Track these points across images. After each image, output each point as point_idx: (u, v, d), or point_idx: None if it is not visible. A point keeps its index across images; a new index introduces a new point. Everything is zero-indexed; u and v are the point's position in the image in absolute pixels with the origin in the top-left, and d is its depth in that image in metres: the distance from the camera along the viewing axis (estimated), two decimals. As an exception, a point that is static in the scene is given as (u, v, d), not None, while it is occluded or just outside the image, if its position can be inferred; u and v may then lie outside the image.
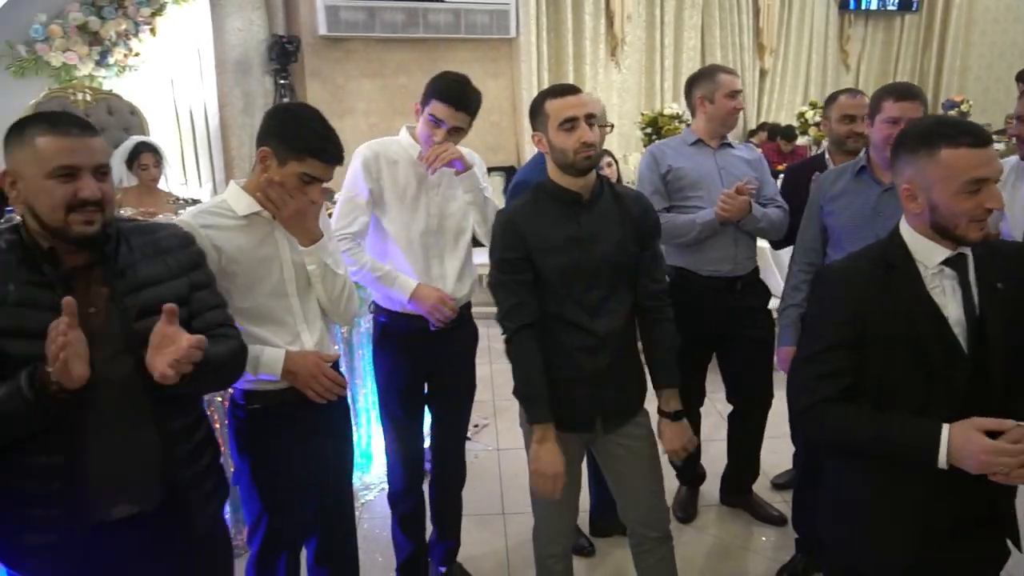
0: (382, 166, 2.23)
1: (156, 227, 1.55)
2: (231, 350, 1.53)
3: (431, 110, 2.16)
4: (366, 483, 3.17)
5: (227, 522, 1.79)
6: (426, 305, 2.22)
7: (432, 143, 2.15)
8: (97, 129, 1.42)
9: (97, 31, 4.87)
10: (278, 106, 1.86)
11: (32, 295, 1.34)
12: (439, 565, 2.59)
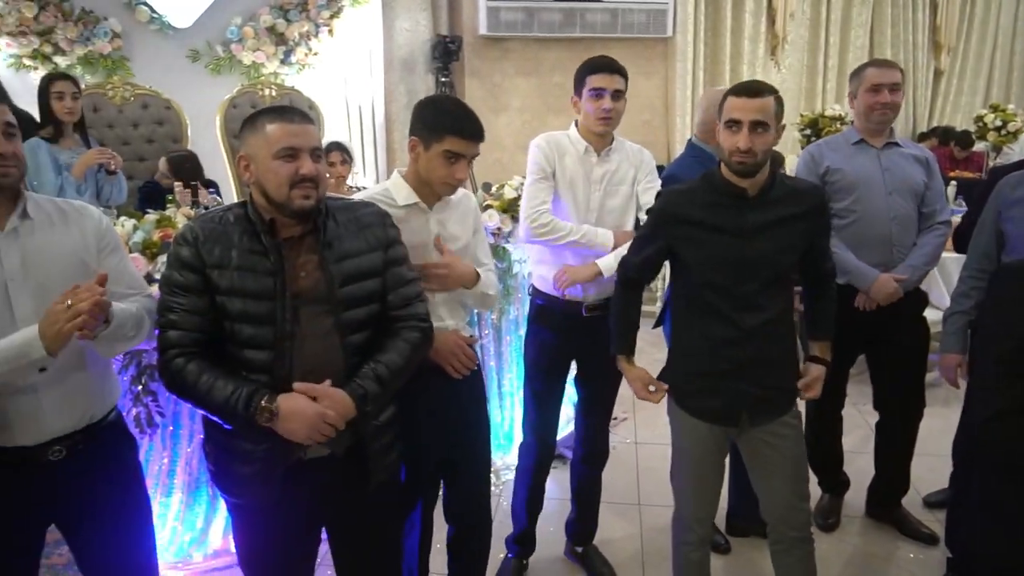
0: (555, 155, 2.36)
1: (359, 205, 1.76)
2: (415, 344, 1.73)
3: (590, 85, 2.28)
4: (507, 463, 3.31)
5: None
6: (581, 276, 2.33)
7: (604, 112, 2.28)
8: (313, 119, 1.62)
9: (283, 32, 5.33)
10: (422, 100, 2.04)
11: (251, 261, 1.57)
12: (575, 544, 2.69)
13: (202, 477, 2.76)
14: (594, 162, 2.36)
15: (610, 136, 2.39)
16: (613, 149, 2.39)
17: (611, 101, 2.28)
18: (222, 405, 1.53)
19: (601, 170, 2.37)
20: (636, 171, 2.43)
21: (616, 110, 2.30)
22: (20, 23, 4.55)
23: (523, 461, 2.56)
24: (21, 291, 1.54)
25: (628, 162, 2.42)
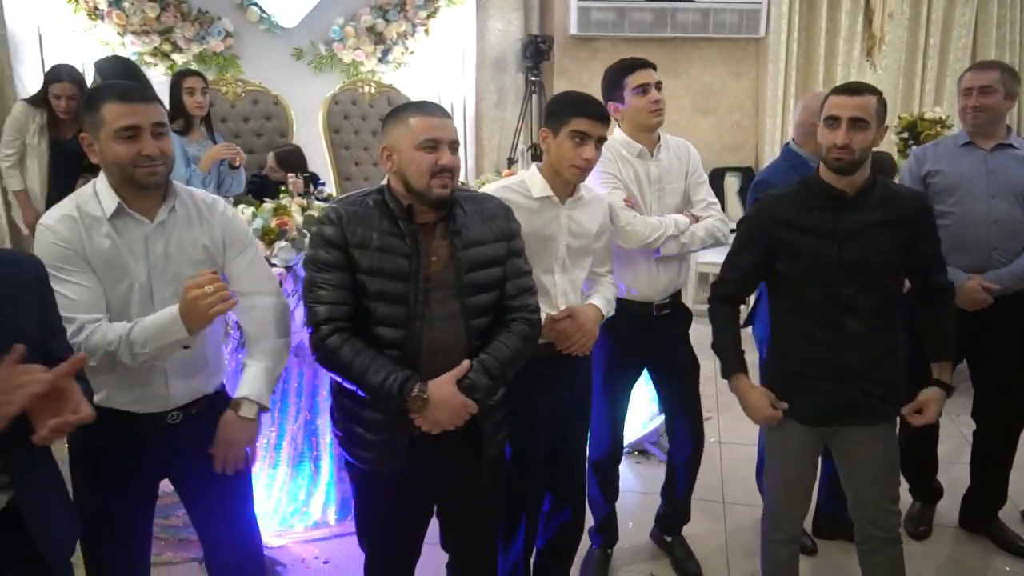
0: (618, 162, 2.43)
1: (484, 197, 1.88)
2: (525, 336, 1.82)
3: (633, 84, 2.36)
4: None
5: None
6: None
7: (655, 104, 2.36)
8: (451, 114, 1.75)
9: (382, 32, 5.52)
10: (551, 98, 2.17)
11: (390, 244, 1.70)
12: (664, 533, 2.75)
13: (306, 452, 2.93)
14: (649, 162, 2.42)
15: (657, 133, 2.45)
16: (662, 147, 2.45)
17: (657, 92, 2.35)
18: (375, 388, 1.66)
19: (656, 170, 2.44)
20: (686, 166, 2.49)
21: (663, 100, 2.38)
22: (144, 23, 4.87)
23: (595, 453, 2.63)
24: (161, 279, 1.70)
25: (678, 158, 2.50)
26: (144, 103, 1.65)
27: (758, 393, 2.06)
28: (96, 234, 1.65)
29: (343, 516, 2.97)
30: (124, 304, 1.68)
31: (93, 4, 4.78)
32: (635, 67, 2.36)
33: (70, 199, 1.71)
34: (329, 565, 2.75)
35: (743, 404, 2.09)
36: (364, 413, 1.77)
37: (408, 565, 2.00)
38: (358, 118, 4.95)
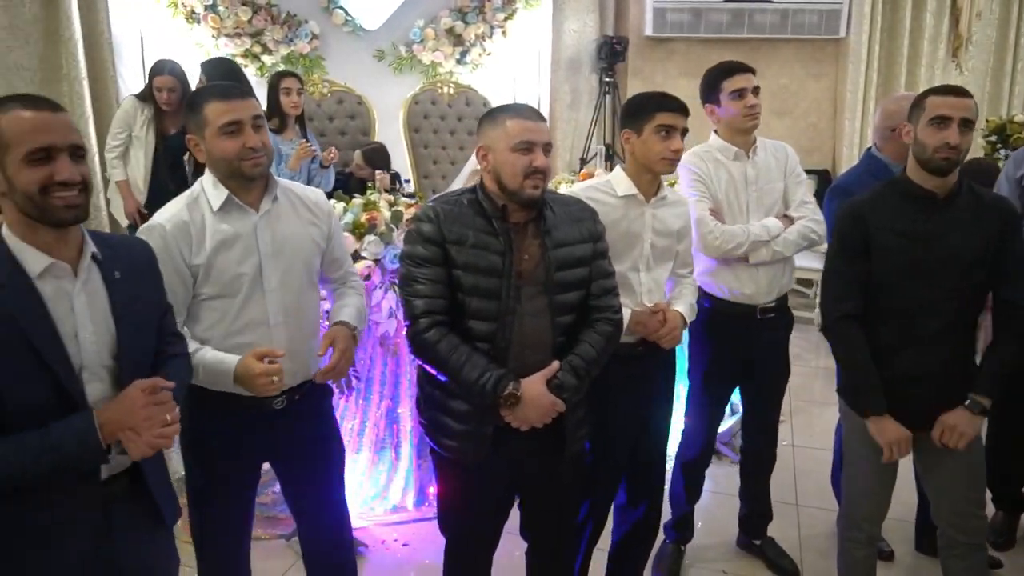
0: (708, 168, 2.46)
1: (572, 200, 1.95)
2: (608, 336, 1.89)
3: (729, 88, 2.38)
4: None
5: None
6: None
7: (751, 109, 2.38)
8: (545, 118, 1.83)
9: (460, 34, 5.64)
10: (625, 101, 2.22)
11: (484, 241, 1.78)
12: (752, 537, 2.78)
13: (387, 439, 3.05)
14: (746, 165, 2.44)
15: (753, 136, 2.46)
16: (758, 148, 2.47)
17: (754, 97, 2.36)
18: (470, 383, 1.75)
19: (753, 171, 2.45)
20: (784, 167, 2.50)
21: (759, 105, 2.40)
22: (236, 26, 5.10)
23: (687, 453, 2.67)
24: (271, 267, 1.81)
25: (775, 160, 2.50)
26: (242, 99, 1.76)
27: (897, 430, 1.98)
28: (206, 227, 1.77)
29: (420, 502, 3.08)
30: (235, 290, 1.79)
31: (190, 8, 5.03)
32: (733, 71, 2.39)
33: (182, 197, 1.83)
34: (408, 548, 2.86)
35: (878, 440, 2.00)
36: (451, 403, 1.86)
37: (487, 552, 2.08)
38: (437, 118, 5.08)
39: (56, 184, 1.28)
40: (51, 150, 1.29)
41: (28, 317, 1.30)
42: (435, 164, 5.09)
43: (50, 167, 1.28)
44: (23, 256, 1.33)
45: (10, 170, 1.29)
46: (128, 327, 1.43)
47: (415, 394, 2.04)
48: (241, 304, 1.79)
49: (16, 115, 1.29)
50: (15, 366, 1.28)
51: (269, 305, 1.81)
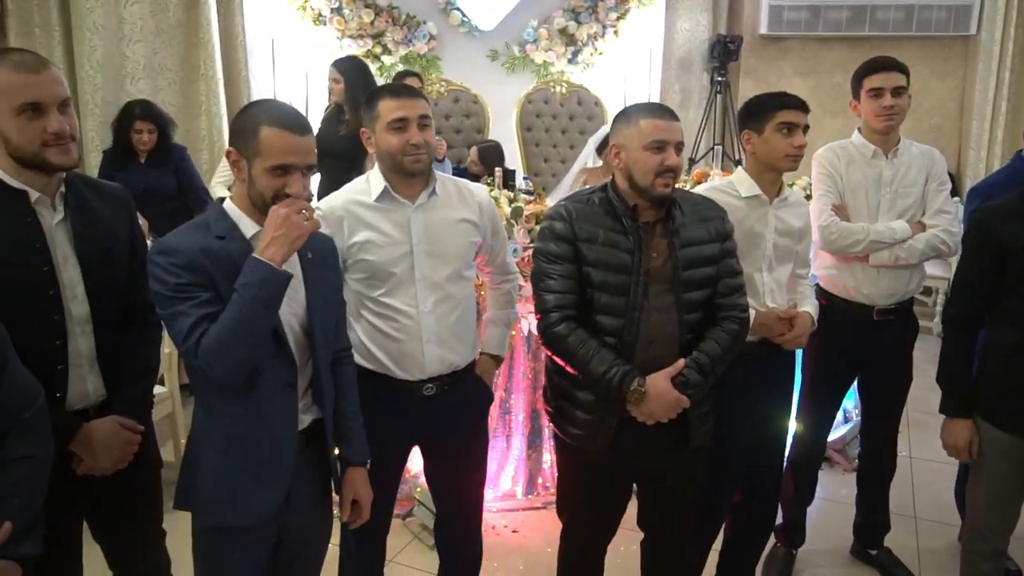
0: (840, 163, 2.42)
1: (701, 199, 1.99)
2: (735, 334, 1.92)
3: (868, 85, 2.35)
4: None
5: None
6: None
7: (884, 110, 2.33)
8: (679, 116, 1.88)
9: (573, 33, 5.70)
10: (742, 104, 2.23)
11: (614, 239, 1.85)
12: (867, 547, 2.73)
13: (500, 428, 3.15)
14: (883, 165, 2.39)
15: (896, 136, 2.40)
16: (900, 150, 2.40)
17: (892, 98, 2.32)
18: (597, 377, 1.82)
19: (890, 172, 2.40)
20: (927, 173, 2.42)
21: (899, 107, 2.33)
22: (360, 27, 5.32)
23: (795, 452, 2.65)
24: (422, 255, 1.91)
25: (918, 163, 2.43)
26: (412, 99, 1.87)
27: (963, 432, 2.06)
28: (361, 214, 1.90)
29: (529, 491, 3.16)
30: (385, 278, 1.90)
31: (317, 11, 5.28)
32: (875, 69, 2.35)
33: (347, 187, 1.97)
34: (517, 535, 2.95)
35: (948, 445, 2.10)
36: (577, 393, 1.92)
37: (601, 540, 2.14)
38: (549, 116, 5.16)
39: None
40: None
41: (240, 265, 1.47)
42: (546, 162, 5.17)
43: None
44: (240, 221, 1.55)
45: (255, 171, 1.52)
46: (316, 299, 1.62)
47: (537, 384, 2.11)
48: (392, 289, 1.90)
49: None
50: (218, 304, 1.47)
51: (419, 293, 1.91)
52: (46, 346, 1.57)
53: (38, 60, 1.54)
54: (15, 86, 1.48)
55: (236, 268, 1.46)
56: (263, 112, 1.52)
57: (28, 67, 1.50)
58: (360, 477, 1.77)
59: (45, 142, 1.51)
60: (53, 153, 1.52)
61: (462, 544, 2.19)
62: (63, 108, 1.54)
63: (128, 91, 4.64)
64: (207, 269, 1.46)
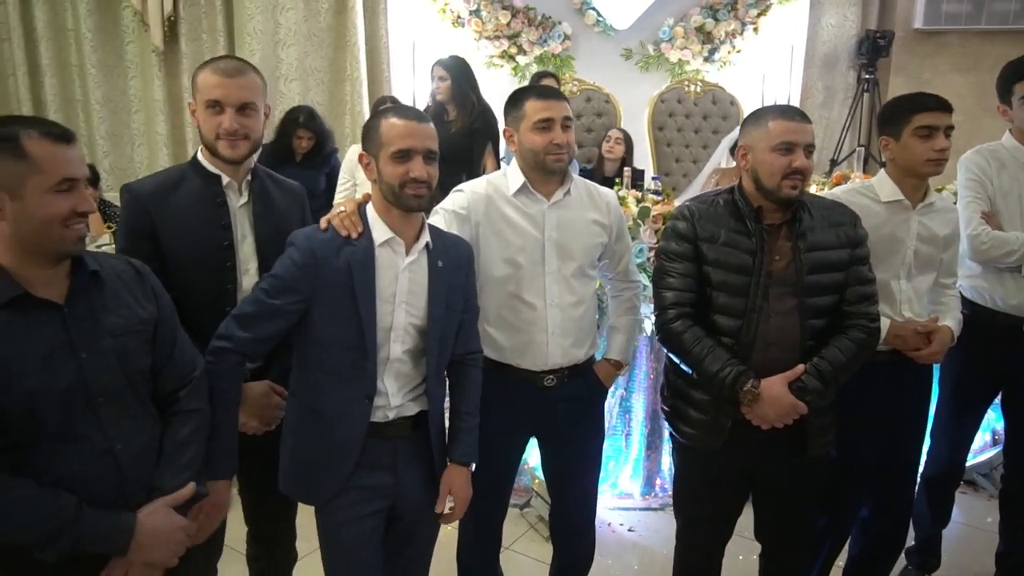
0: (991, 168, 2.28)
1: (832, 204, 1.94)
2: (861, 343, 1.85)
3: (1021, 92, 2.21)
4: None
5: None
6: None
7: None
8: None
9: (710, 31, 5.59)
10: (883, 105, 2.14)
11: (736, 240, 1.84)
12: None
13: (619, 427, 3.16)
14: None
15: None
16: None
17: None
18: (710, 375, 1.81)
19: None
20: None
21: None
22: (496, 28, 5.45)
23: (930, 470, 2.51)
24: (552, 252, 1.96)
25: None
26: (557, 100, 1.93)
27: None
28: (500, 204, 1.97)
29: (647, 491, 3.16)
30: (515, 269, 1.96)
31: (456, 14, 5.45)
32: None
33: (484, 177, 2.06)
34: (633, 534, 2.95)
35: None
36: (692, 393, 1.92)
37: (717, 541, 2.11)
38: (682, 116, 5.09)
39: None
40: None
41: (360, 272, 1.62)
42: (677, 162, 5.11)
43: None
44: (374, 227, 1.67)
45: (381, 164, 1.63)
46: (438, 308, 1.71)
47: (658, 384, 2.11)
48: (521, 281, 1.96)
49: (391, 121, 1.64)
50: (339, 305, 1.61)
51: (547, 286, 1.96)
52: (219, 312, 1.74)
53: (236, 67, 1.75)
54: (208, 85, 1.72)
55: (349, 278, 1.60)
56: (383, 111, 1.68)
57: (222, 71, 1.73)
58: (460, 476, 1.80)
59: (218, 135, 1.72)
60: (223, 146, 1.73)
61: (575, 536, 2.22)
62: (242, 110, 1.73)
63: (281, 91, 4.97)
64: (313, 268, 1.61)
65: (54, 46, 4.92)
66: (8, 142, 1.28)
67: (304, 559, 2.13)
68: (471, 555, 2.17)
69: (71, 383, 1.34)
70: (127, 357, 1.42)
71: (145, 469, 1.44)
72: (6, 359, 1.29)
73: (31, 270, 1.34)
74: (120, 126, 5.13)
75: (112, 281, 1.44)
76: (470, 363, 1.86)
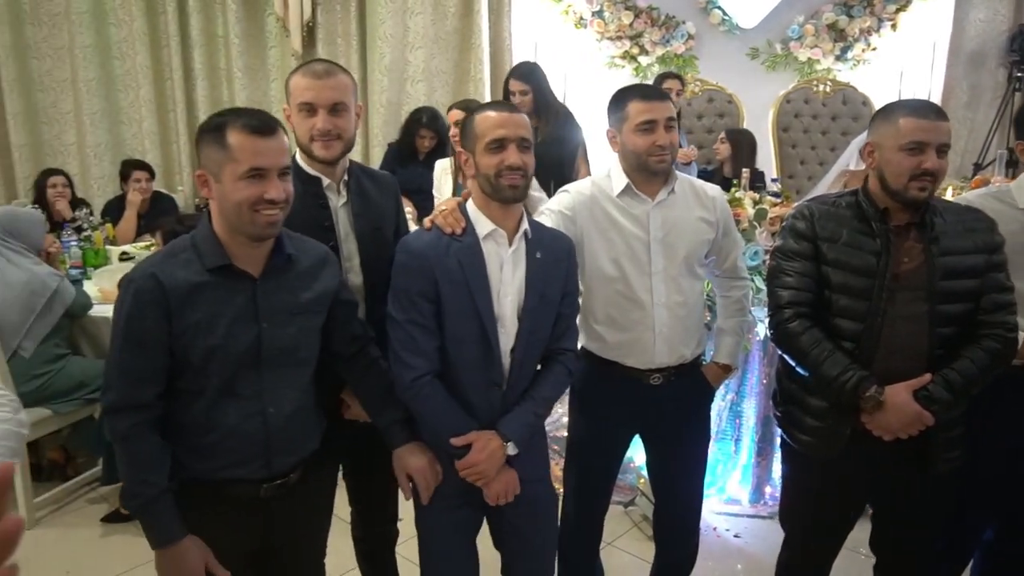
0: None
1: (967, 209, 1.85)
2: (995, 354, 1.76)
3: None
4: None
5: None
6: None
7: None
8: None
9: (843, 29, 5.37)
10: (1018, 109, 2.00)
11: (858, 241, 1.78)
12: None
13: (728, 430, 3.10)
14: None
15: None
16: None
17: None
18: (829, 380, 1.76)
19: None
20: None
21: None
22: (619, 29, 5.45)
23: None
24: (657, 251, 1.97)
25: None
26: (660, 102, 1.93)
27: None
28: (604, 205, 1.99)
29: (756, 499, 3.09)
30: (619, 266, 1.97)
31: (579, 15, 5.49)
32: None
33: (588, 179, 2.08)
34: (739, 540, 2.90)
35: None
36: (808, 399, 1.87)
37: (826, 555, 2.05)
38: (809, 117, 4.92)
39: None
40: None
41: (470, 266, 1.68)
42: (802, 165, 4.94)
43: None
44: (476, 221, 1.71)
45: (478, 156, 1.68)
46: (533, 298, 1.73)
47: (770, 389, 2.07)
48: (626, 283, 1.97)
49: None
50: (458, 300, 1.67)
51: (654, 286, 1.96)
52: None
53: (327, 69, 1.77)
54: (300, 88, 1.75)
55: (463, 273, 1.66)
56: (476, 108, 1.74)
57: (313, 73, 1.75)
58: (485, 444, 1.68)
59: (312, 137, 1.75)
60: (317, 147, 1.76)
61: (678, 537, 2.21)
62: (334, 110, 1.75)
63: (408, 93, 5.18)
64: (429, 267, 1.66)
65: (206, 52, 5.34)
66: (217, 132, 1.45)
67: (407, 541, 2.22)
68: (571, 546, 2.20)
69: (247, 347, 1.51)
70: (302, 332, 1.59)
71: (288, 435, 1.60)
72: (204, 317, 1.47)
73: (236, 245, 1.51)
74: (261, 126, 5.48)
75: (303, 264, 1.61)
76: (558, 358, 1.83)
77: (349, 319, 1.73)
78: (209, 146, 1.46)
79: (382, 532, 2.16)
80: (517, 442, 1.72)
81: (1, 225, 3.04)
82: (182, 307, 1.46)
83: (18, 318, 2.95)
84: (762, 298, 2.55)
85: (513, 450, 1.71)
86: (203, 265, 1.49)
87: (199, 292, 1.47)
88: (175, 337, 1.46)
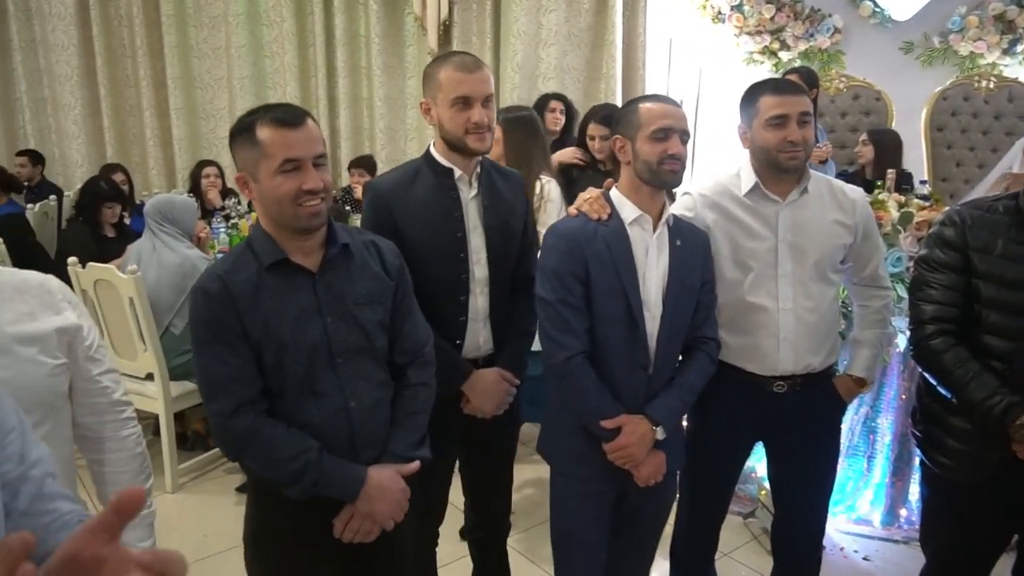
0: None
1: None
2: None
3: None
4: None
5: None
6: None
7: None
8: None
9: (1012, 20, 4.92)
10: None
11: (1016, 252, 1.63)
12: None
13: (861, 446, 2.92)
14: None
15: None
16: None
17: None
18: (974, 403, 1.63)
19: None
20: None
21: None
22: (759, 23, 5.25)
23: None
24: (786, 253, 1.87)
25: None
26: (794, 95, 1.84)
27: None
28: (729, 206, 1.92)
29: (889, 521, 2.89)
30: (746, 270, 1.90)
31: (717, 9, 5.33)
32: None
33: (714, 177, 2.01)
34: (868, 563, 2.73)
35: None
36: (951, 419, 1.73)
37: None
38: (967, 115, 4.55)
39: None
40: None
41: (618, 248, 1.71)
42: (958, 167, 4.58)
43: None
44: (622, 207, 1.75)
45: (638, 144, 1.71)
46: (675, 284, 1.74)
47: (909, 406, 1.93)
48: (751, 284, 1.89)
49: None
50: (607, 282, 1.69)
51: (780, 290, 1.88)
52: (453, 300, 1.88)
53: (475, 62, 1.81)
54: (454, 82, 1.77)
55: (611, 256, 1.69)
56: (637, 99, 1.79)
57: (465, 67, 1.77)
58: (635, 427, 1.71)
59: (467, 130, 1.78)
60: (472, 139, 1.79)
61: (797, 551, 2.10)
62: (486, 103, 1.79)
63: (539, 90, 5.19)
64: (579, 249, 1.69)
65: (348, 50, 5.58)
66: (247, 131, 1.45)
67: (522, 534, 2.23)
68: (685, 551, 2.14)
69: (317, 343, 1.49)
70: (366, 324, 1.55)
71: (372, 428, 1.58)
72: (268, 314, 1.47)
73: (286, 241, 1.50)
74: (397, 122, 5.69)
75: (360, 253, 1.60)
76: (700, 346, 1.83)
77: (401, 320, 1.66)
78: (242, 147, 1.46)
79: (494, 525, 2.18)
80: (666, 426, 1.74)
81: (159, 211, 3.29)
82: (248, 307, 1.46)
83: (171, 297, 3.19)
84: (904, 307, 2.38)
85: (662, 434, 1.74)
86: (260, 264, 1.49)
87: (261, 291, 1.47)
88: (248, 338, 1.46)
